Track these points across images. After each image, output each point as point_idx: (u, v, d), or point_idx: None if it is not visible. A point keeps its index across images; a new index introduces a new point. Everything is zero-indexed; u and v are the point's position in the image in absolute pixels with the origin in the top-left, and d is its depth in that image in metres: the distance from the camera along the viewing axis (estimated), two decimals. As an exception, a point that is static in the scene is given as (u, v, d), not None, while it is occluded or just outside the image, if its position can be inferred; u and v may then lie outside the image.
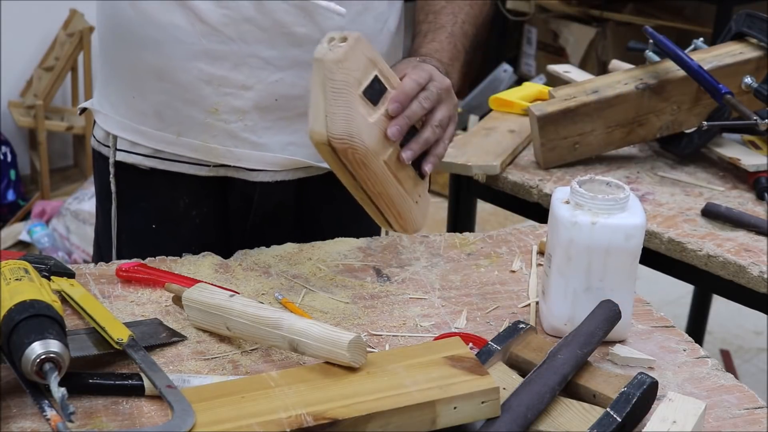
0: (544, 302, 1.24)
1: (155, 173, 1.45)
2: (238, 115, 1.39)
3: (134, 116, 1.43)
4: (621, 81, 1.77)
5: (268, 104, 1.39)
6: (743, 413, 1.10)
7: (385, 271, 1.36)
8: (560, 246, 1.19)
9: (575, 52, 4.50)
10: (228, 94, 1.38)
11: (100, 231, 1.57)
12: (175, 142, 1.42)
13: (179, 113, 1.40)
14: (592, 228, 1.16)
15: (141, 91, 1.41)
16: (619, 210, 1.17)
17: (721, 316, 3.19)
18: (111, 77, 1.46)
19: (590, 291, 1.19)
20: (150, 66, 1.39)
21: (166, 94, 1.39)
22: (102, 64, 1.49)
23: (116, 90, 1.45)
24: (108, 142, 1.48)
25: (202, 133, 1.40)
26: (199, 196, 1.47)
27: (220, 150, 1.41)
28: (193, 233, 1.47)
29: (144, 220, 1.48)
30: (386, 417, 0.95)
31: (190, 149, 1.42)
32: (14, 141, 3.70)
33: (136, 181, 1.47)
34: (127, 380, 1.05)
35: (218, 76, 1.37)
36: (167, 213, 1.48)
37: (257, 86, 1.38)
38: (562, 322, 1.21)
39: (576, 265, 1.18)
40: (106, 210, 1.52)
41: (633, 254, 1.19)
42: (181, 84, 1.38)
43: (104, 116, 1.48)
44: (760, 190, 1.68)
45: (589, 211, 1.17)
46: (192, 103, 1.39)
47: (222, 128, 1.40)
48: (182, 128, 1.41)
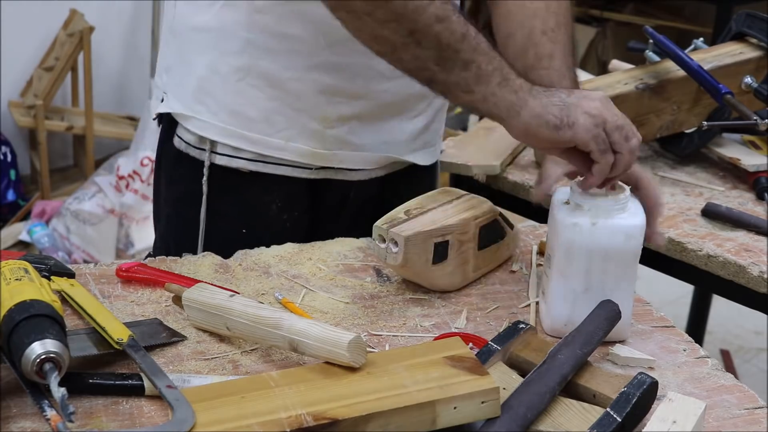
0: (544, 303, 1.24)
1: (251, 177, 1.44)
2: (345, 121, 1.42)
3: (240, 123, 1.42)
4: (621, 81, 1.76)
5: (372, 110, 1.43)
6: (743, 413, 1.10)
7: (385, 271, 1.36)
8: (560, 247, 1.19)
9: (575, 52, 4.50)
10: (339, 103, 1.41)
11: (176, 236, 1.52)
12: (283, 147, 1.42)
13: (289, 120, 1.41)
14: (593, 229, 1.16)
15: (250, 98, 1.40)
16: (619, 211, 1.17)
17: (721, 316, 3.19)
18: (210, 83, 1.42)
19: (590, 292, 1.19)
20: (264, 74, 1.39)
21: (277, 101, 1.40)
22: (190, 69, 1.44)
23: (217, 97, 1.42)
24: (202, 146, 1.44)
25: (311, 139, 1.42)
26: (291, 200, 1.47)
27: (326, 154, 1.44)
28: (280, 236, 1.45)
29: (232, 227, 1.47)
30: (386, 417, 0.95)
31: (297, 154, 1.43)
32: (14, 141, 3.70)
33: (229, 185, 1.46)
34: (127, 380, 1.05)
35: (334, 86, 1.39)
36: (258, 218, 1.47)
37: (367, 95, 1.41)
38: (561, 322, 1.21)
39: (576, 266, 1.18)
40: (186, 213, 1.48)
41: (633, 255, 1.19)
42: (294, 93, 1.39)
43: (199, 122, 1.43)
44: (760, 190, 1.68)
45: (589, 212, 1.17)
46: (303, 110, 1.41)
47: (329, 134, 1.42)
48: (291, 134, 1.42)
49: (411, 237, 1.24)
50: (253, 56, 1.38)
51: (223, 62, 1.40)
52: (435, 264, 1.27)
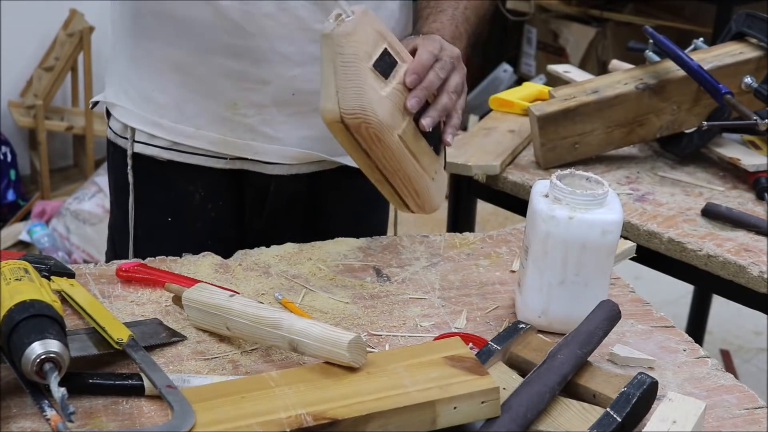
0: (519, 294, 1.25)
1: (172, 166, 1.47)
2: (257, 109, 1.41)
3: (153, 109, 1.45)
4: (621, 81, 1.77)
5: (285, 99, 1.41)
6: (743, 413, 1.10)
7: (385, 271, 1.36)
8: (537, 239, 1.19)
9: (575, 52, 4.50)
10: (247, 89, 1.40)
11: (116, 226, 1.57)
12: (193, 135, 1.44)
13: (198, 107, 1.42)
14: (569, 222, 1.17)
15: (161, 84, 1.43)
16: (597, 206, 1.18)
17: (721, 316, 3.19)
18: (129, 71, 1.46)
19: (565, 284, 1.20)
20: (171, 60, 1.40)
21: (185, 88, 1.41)
22: (117, 57, 1.49)
23: (135, 83, 1.46)
24: (126, 134, 1.49)
25: (221, 127, 1.42)
26: (214, 190, 1.49)
27: (238, 143, 1.43)
28: (208, 227, 1.49)
29: (160, 214, 1.50)
30: (386, 417, 0.95)
31: (208, 142, 1.44)
32: (14, 141, 3.70)
33: (152, 173, 1.48)
34: (127, 380, 1.05)
35: (238, 70, 1.38)
36: (183, 207, 1.49)
37: (276, 81, 1.40)
38: (536, 314, 1.22)
39: (552, 259, 1.19)
40: (122, 204, 1.53)
41: (609, 249, 1.20)
42: (201, 78, 1.40)
43: (122, 109, 1.48)
44: (760, 190, 1.68)
45: (567, 206, 1.18)
46: (211, 97, 1.41)
47: (240, 122, 1.42)
48: (201, 121, 1.43)
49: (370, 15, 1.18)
50: (160, 42, 1.40)
51: (137, 49, 1.44)
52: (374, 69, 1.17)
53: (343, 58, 1.14)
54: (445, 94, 1.27)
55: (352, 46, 1.14)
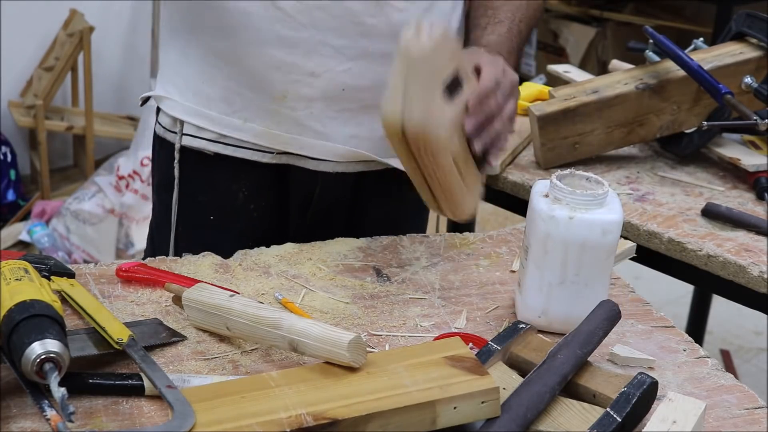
0: (519, 294, 1.25)
1: (217, 163, 1.46)
2: (305, 102, 1.40)
3: (201, 101, 1.45)
4: (621, 81, 1.77)
5: (334, 94, 1.40)
6: (743, 413, 1.10)
7: (385, 271, 1.36)
8: (537, 239, 1.19)
9: (575, 52, 4.50)
10: (296, 82, 1.39)
11: (156, 223, 1.57)
12: (241, 127, 1.43)
13: (246, 99, 1.42)
14: (570, 222, 1.17)
15: (210, 75, 1.43)
16: (597, 206, 1.18)
17: (721, 316, 3.19)
18: (180, 63, 1.46)
19: (565, 284, 1.20)
20: (220, 51, 1.40)
21: (234, 80, 1.41)
22: (168, 50, 1.49)
23: (185, 76, 1.46)
24: (174, 128, 1.48)
25: (268, 120, 1.42)
26: (258, 189, 1.48)
27: (285, 137, 1.43)
28: (250, 227, 1.48)
29: (203, 213, 1.49)
30: (386, 417, 0.95)
31: (254, 135, 1.43)
32: (14, 141, 3.70)
33: (198, 170, 1.48)
34: (127, 380, 1.05)
35: (288, 62, 1.38)
36: (226, 206, 1.49)
37: (326, 75, 1.38)
38: (536, 314, 1.22)
39: (552, 259, 1.19)
40: (165, 201, 1.52)
41: (609, 249, 1.20)
42: (250, 69, 1.39)
43: (171, 102, 1.48)
44: (760, 190, 1.68)
45: (567, 206, 1.18)
46: (260, 89, 1.40)
47: (288, 115, 1.41)
48: (249, 114, 1.42)
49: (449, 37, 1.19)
50: (213, 33, 1.40)
51: (190, 44, 1.43)
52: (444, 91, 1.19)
53: (417, 75, 1.15)
54: (500, 120, 1.26)
55: (429, 65, 1.15)
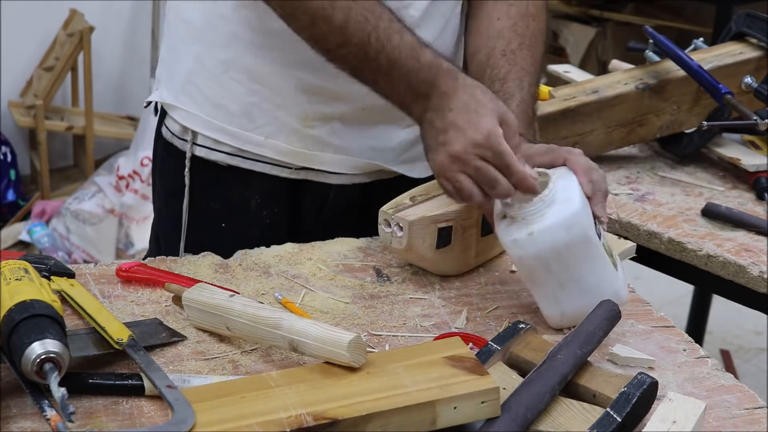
0: (539, 305, 1.25)
1: (231, 171, 1.45)
2: (326, 121, 1.42)
3: (222, 116, 1.43)
4: (621, 81, 1.77)
5: (354, 112, 1.42)
6: (743, 413, 1.10)
7: (385, 271, 1.36)
8: (516, 263, 1.23)
9: (575, 52, 4.50)
10: (320, 102, 1.40)
11: (163, 229, 1.55)
12: (262, 143, 1.43)
13: (270, 116, 1.41)
14: (531, 239, 1.16)
15: (232, 92, 1.41)
16: (548, 207, 1.16)
17: (721, 316, 3.19)
18: (196, 75, 1.44)
19: (565, 286, 1.20)
20: (247, 69, 1.40)
21: (258, 97, 1.41)
22: (180, 59, 1.46)
23: (203, 89, 1.44)
24: (185, 136, 1.46)
25: (291, 137, 1.42)
26: (271, 197, 1.47)
27: (306, 154, 1.43)
28: (261, 233, 1.47)
29: (214, 219, 1.48)
30: (386, 417, 0.95)
31: (276, 152, 1.43)
32: (14, 141, 3.70)
33: (210, 177, 1.47)
34: (127, 380, 1.05)
35: (314, 85, 1.39)
36: (238, 212, 1.48)
37: (348, 96, 1.40)
38: (557, 319, 1.23)
39: (538, 274, 1.20)
40: (173, 207, 1.50)
41: (583, 240, 1.18)
42: (276, 89, 1.40)
43: (184, 113, 1.46)
44: (760, 190, 1.68)
45: (523, 221, 1.17)
46: (284, 108, 1.41)
47: (309, 134, 1.42)
48: (271, 130, 1.42)
49: (415, 222, 1.26)
50: (237, 50, 1.39)
51: (209, 55, 1.42)
52: (438, 249, 1.29)
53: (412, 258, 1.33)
54: None
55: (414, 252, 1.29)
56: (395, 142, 1.47)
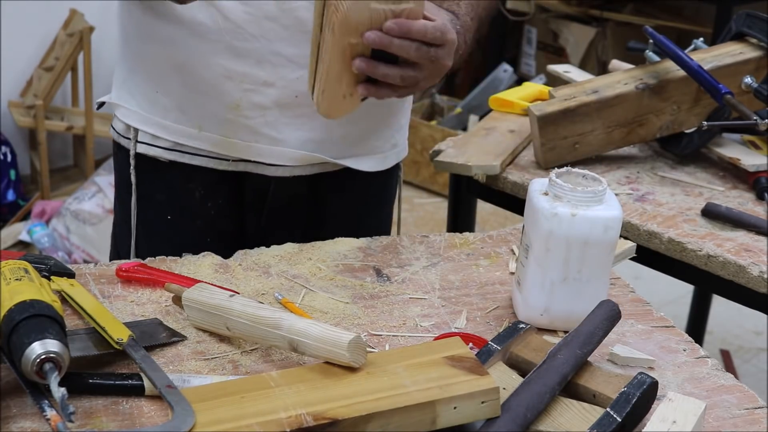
0: (519, 292, 1.25)
1: (174, 166, 1.48)
2: (259, 111, 1.42)
3: (156, 110, 1.46)
4: (621, 81, 1.77)
5: (288, 101, 1.41)
6: (743, 413, 1.10)
7: (385, 271, 1.36)
8: (539, 237, 1.20)
9: (575, 52, 4.50)
10: (250, 91, 1.40)
11: (117, 224, 1.59)
12: (196, 136, 1.45)
13: (201, 108, 1.43)
14: (572, 220, 1.17)
15: (163, 85, 1.44)
16: (597, 202, 1.19)
17: (721, 316, 3.19)
18: (133, 72, 1.48)
19: (567, 282, 1.20)
20: (173, 61, 1.41)
21: (188, 89, 1.42)
22: (122, 59, 1.51)
23: (138, 85, 1.47)
24: (129, 135, 1.50)
25: (224, 128, 1.43)
26: (214, 189, 1.49)
27: (241, 145, 1.44)
28: (208, 225, 1.50)
29: (161, 213, 1.51)
30: (386, 417, 0.95)
31: (210, 143, 1.45)
32: (14, 141, 3.70)
33: (154, 173, 1.50)
34: (127, 380, 1.05)
35: (240, 72, 1.39)
36: (183, 205, 1.50)
37: (279, 83, 1.40)
38: (538, 312, 1.22)
39: (554, 257, 1.19)
40: (124, 202, 1.54)
41: (610, 246, 1.20)
42: (203, 79, 1.41)
43: (125, 110, 1.50)
44: (760, 190, 1.68)
45: (568, 203, 1.18)
46: (214, 98, 1.42)
47: (243, 124, 1.42)
48: (204, 122, 1.43)
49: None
50: (163, 43, 1.41)
51: (143, 51, 1.44)
52: None
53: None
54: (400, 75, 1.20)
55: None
56: (336, 136, 1.47)
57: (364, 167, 1.51)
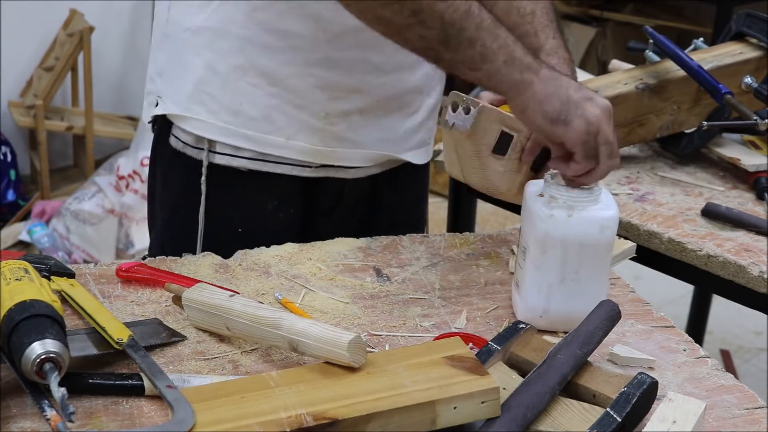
0: (518, 294, 1.25)
1: (250, 175, 1.44)
2: (344, 117, 1.43)
3: (240, 122, 1.42)
4: (621, 81, 1.76)
5: (370, 105, 1.43)
6: (743, 413, 1.10)
7: (385, 271, 1.36)
8: (536, 239, 1.20)
9: (575, 52, 4.50)
10: (338, 98, 1.41)
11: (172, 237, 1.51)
12: (283, 145, 1.43)
13: (290, 117, 1.41)
14: (568, 221, 1.18)
15: (250, 96, 1.40)
16: (592, 203, 1.19)
17: (721, 316, 3.19)
18: (208, 83, 1.41)
19: (565, 283, 1.20)
20: (264, 72, 1.39)
21: (278, 99, 1.40)
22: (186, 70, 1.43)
23: (218, 97, 1.42)
24: (200, 145, 1.44)
25: (312, 136, 1.43)
26: (288, 197, 1.47)
27: (327, 151, 1.44)
28: (275, 235, 1.45)
29: (229, 225, 1.47)
30: (386, 417, 0.95)
31: (298, 152, 1.43)
32: (14, 141, 3.70)
33: (227, 184, 1.45)
34: (127, 380, 1.05)
35: (332, 81, 1.39)
36: (255, 215, 1.47)
37: (364, 89, 1.42)
38: (537, 314, 1.22)
39: (551, 258, 1.19)
40: (184, 215, 1.48)
41: (607, 245, 1.21)
42: (295, 89, 1.40)
43: (197, 122, 1.43)
44: (760, 190, 1.68)
45: (564, 204, 1.19)
46: (304, 107, 1.41)
47: (329, 131, 1.43)
48: (292, 131, 1.42)
49: (486, 108, 1.26)
50: (252, 54, 1.38)
51: (222, 61, 1.40)
52: (493, 153, 1.28)
53: (464, 150, 1.30)
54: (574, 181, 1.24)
55: (472, 141, 1.27)
56: (401, 131, 1.49)
57: (419, 160, 1.54)
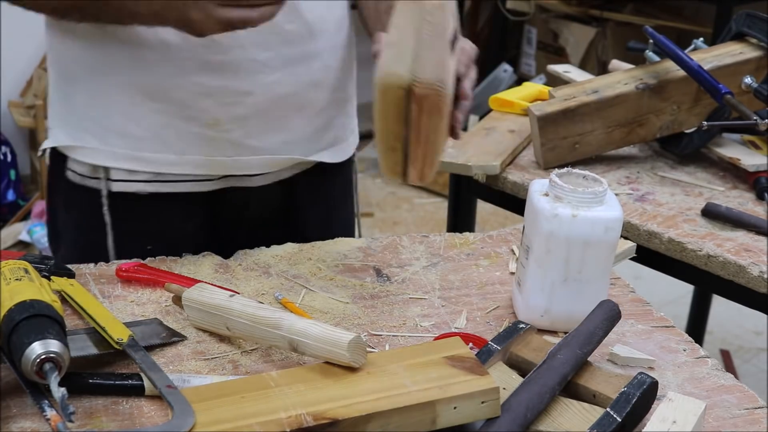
0: (520, 293, 1.25)
1: (152, 197, 1.41)
2: (240, 122, 1.38)
3: (130, 143, 1.38)
4: (621, 81, 1.77)
5: (266, 107, 1.38)
6: (743, 413, 1.10)
7: (385, 271, 1.36)
8: (540, 238, 1.20)
9: (575, 52, 4.50)
10: (229, 104, 1.36)
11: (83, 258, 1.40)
12: (178, 162, 1.39)
13: (180, 131, 1.37)
14: (573, 220, 1.18)
15: (135, 116, 1.36)
16: (597, 203, 1.19)
17: (721, 316, 3.19)
18: (90, 106, 1.38)
19: (568, 282, 1.20)
20: (144, 88, 1.35)
21: (163, 114, 1.36)
22: (70, 98, 1.40)
23: (100, 121, 1.38)
24: (97, 175, 1.41)
25: (206, 147, 1.38)
26: (193, 216, 1.45)
27: (225, 161, 1.40)
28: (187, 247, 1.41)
29: (139, 245, 1.41)
30: (386, 417, 0.95)
31: (193, 166, 1.40)
32: (14, 141, 3.70)
33: (129, 209, 1.42)
34: (127, 380, 1.05)
35: (217, 87, 1.35)
36: (162, 233, 1.43)
37: (256, 90, 1.37)
38: (538, 313, 1.22)
39: (555, 257, 1.19)
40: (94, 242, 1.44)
41: (611, 246, 1.21)
42: (178, 101, 1.35)
43: (89, 150, 1.40)
44: (760, 190, 1.68)
45: (569, 204, 1.19)
46: (192, 118, 1.36)
47: (224, 138, 1.38)
48: (184, 146, 1.38)
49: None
50: (132, 72, 1.34)
51: (101, 84, 1.36)
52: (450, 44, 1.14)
53: (431, 27, 1.10)
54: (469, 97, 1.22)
55: (441, 17, 1.11)
56: (308, 132, 1.45)
57: (335, 159, 1.50)
